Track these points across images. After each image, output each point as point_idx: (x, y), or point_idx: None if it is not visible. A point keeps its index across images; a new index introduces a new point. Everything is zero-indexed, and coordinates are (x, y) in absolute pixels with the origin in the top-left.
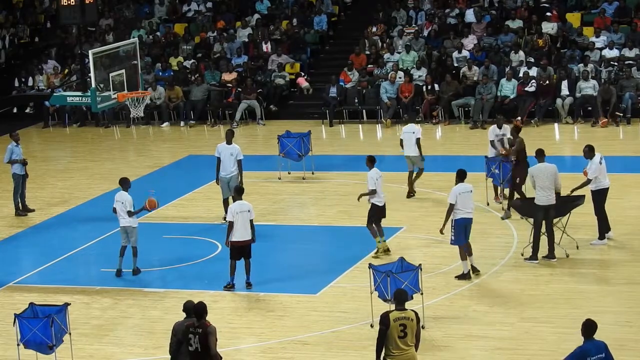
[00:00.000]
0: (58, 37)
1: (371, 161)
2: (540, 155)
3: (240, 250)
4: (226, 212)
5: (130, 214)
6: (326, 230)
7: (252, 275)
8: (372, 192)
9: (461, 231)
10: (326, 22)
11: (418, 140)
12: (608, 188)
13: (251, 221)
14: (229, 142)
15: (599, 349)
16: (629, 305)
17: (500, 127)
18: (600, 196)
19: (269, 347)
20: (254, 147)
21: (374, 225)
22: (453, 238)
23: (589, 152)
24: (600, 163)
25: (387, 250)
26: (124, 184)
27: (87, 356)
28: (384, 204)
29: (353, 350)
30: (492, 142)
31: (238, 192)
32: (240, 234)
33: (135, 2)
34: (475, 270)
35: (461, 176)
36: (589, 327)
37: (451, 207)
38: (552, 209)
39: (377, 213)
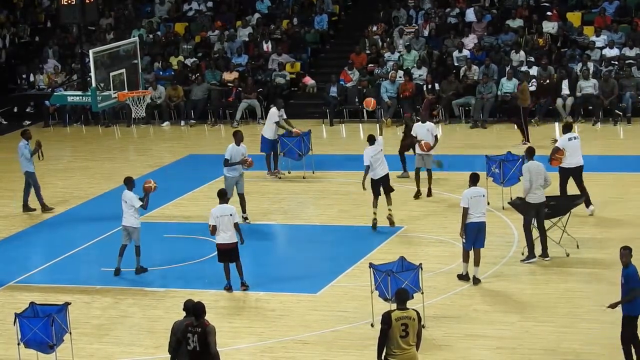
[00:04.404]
0: (58, 37)
1: (369, 140)
2: (530, 154)
3: (226, 253)
4: (243, 210)
5: (143, 207)
6: (326, 230)
7: (252, 275)
8: (367, 169)
9: (471, 236)
10: (327, 21)
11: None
12: (577, 167)
13: (236, 224)
14: (238, 143)
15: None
16: None
17: (279, 109)
18: (566, 173)
19: (269, 346)
20: (254, 146)
21: (377, 198)
22: (464, 241)
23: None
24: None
25: (375, 224)
26: (128, 183)
27: (87, 355)
28: (380, 178)
29: (353, 349)
30: (276, 123)
31: (220, 196)
32: (222, 237)
33: (135, 1)
34: (476, 280)
35: (474, 180)
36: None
37: (465, 211)
38: (542, 207)
39: (372, 186)
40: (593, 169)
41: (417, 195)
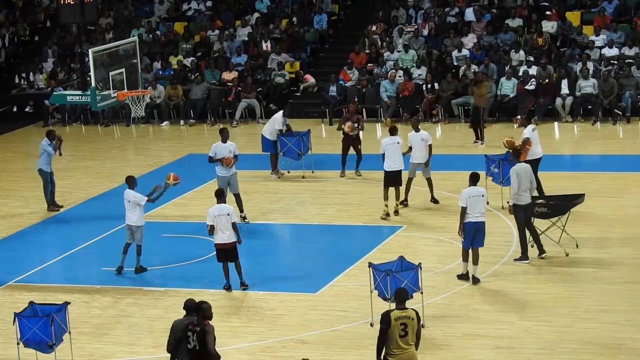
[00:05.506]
0: (58, 36)
1: (391, 131)
2: (517, 156)
3: (224, 253)
4: (241, 210)
5: (150, 201)
6: (326, 229)
7: (252, 274)
8: (383, 157)
9: (469, 235)
10: (326, 20)
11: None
12: (540, 159)
13: (233, 224)
14: (224, 141)
15: None
16: (629, 304)
17: (284, 116)
18: (535, 164)
19: (268, 345)
20: (253, 145)
21: (388, 189)
22: (463, 241)
23: (525, 120)
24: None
25: (387, 215)
26: (129, 182)
27: (86, 355)
28: (393, 171)
29: (353, 349)
30: (279, 130)
31: (217, 195)
32: (220, 237)
33: (135, 0)
34: (475, 280)
35: (474, 179)
36: None
37: (463, 210)
38: (529, 208)
39: (385, 178)
40: (593, 169)
41: (404, 204)
